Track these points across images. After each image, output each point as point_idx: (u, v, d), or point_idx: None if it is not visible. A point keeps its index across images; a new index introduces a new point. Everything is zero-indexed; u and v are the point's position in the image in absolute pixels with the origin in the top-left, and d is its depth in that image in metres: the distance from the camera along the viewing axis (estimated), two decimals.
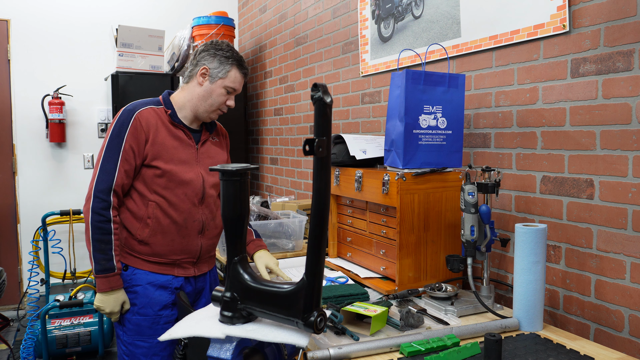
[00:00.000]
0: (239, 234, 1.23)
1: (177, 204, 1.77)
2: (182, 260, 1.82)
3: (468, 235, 1.55)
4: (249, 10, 4.32)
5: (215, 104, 1.82)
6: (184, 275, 1.84)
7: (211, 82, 1.80)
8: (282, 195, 3.66)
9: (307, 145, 1.02)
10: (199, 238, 1.83)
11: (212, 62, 1.81)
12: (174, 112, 1.81)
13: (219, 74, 1.80)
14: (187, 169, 1.79)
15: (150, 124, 1.75)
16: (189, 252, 1.82)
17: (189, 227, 1.80)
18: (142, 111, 1.75)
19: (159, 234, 1.77)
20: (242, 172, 1.20)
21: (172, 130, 1.80)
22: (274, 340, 1.11)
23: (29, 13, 4.03)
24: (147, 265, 1.79)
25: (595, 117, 1.47)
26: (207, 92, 1.81)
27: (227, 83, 1.81)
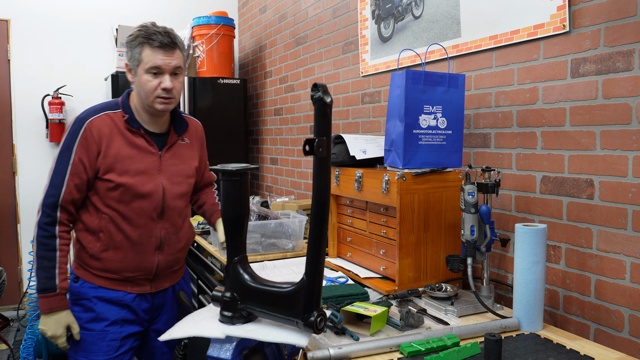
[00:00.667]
0: (239, 234, 1.23)
1: (132, 219, 1.63)
2: (136, 277, 1.69)
3: (468, 235, 1.55)
4: (249, 10, 4.32)
5: (149, 92, 1.61)
6: (139, 292, 1.70)
7: (135, 74, 1.63)
8: (282, 195, 3.66)
9: (307, 145, 1.02)
10: (155, 255, 1.69)
11: (127, 54, 1.65)
12: (132, 117, 1.65)
13: (134, 62, 1.62)
14: (146, 180, 1.64)
15: (103, 134, 1.60)
16: (143, 269, 1.68)
17: (145, 243, 1.66)
18: (94, 120, 1.60)
19: (111, 250, 1.64)
20: (242, 172, 1.20)
21: (129, 137, 1.64)
22: (274, 340, 1.11)
23: (29, 13, 4.03)
24: (97, 280, 1.67)
25: (595, 117, 1.47)
26: (137, 85, 1.63)
27: (145, 66, 1.59)
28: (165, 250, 1.71)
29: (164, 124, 1.72)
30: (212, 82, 3.88)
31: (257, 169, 3.62)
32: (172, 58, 1.61)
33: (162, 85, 1.60)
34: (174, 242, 1.73)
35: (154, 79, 1.60)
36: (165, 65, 1.60)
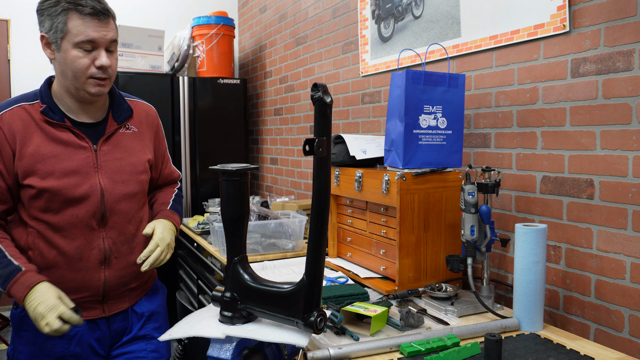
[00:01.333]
0: (239, 234, 1.23)
1: (65, 229, 1.37)
2: (81, 300, 1.41)
3: (468, 235, 1.55)
4: (249, 10, 4.32)
5: (80, 72, 1.33)
6: (87, 317, 1.43)
7: (58, 50, 1.33)
8: (282, 195, 3.66)
9: (307, 145, 1.02)
10: (101, 271, 1.42)
11: (45, 25, 1.33)
12: (50, 107, 1.36)
13: (57, 34, 1.31)
14: (78, 181, 1.37)
15: (16, 131, 1.33)
16: (88, 289, 1.41)
17: (85, 258, 1.39)
18: (4, 115, 1.33)
19: (45, 269, 1.36)
20: (242, 172, 1.20)
21: (50, 132, 1.36)
22: (274, 340, 1.11)
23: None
24: None
25: (595, 117, 1.47)
26: (62, 63, 1.34)
27: (73, 38, 1.30)
28: (113, 264, 1.44)
29: (98, 111, 1.44)
30: (212, 82, 3.88)
31: (257, 169, 3.62)
32: (108, 29, 1.34)
33: (98, 62, 1.33)
34: (125, 253, 1.46)
35: (85, 56, 1.32)
36: (100, 37, 1.32)
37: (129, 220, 1.48)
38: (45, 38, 1.34)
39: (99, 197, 1.40)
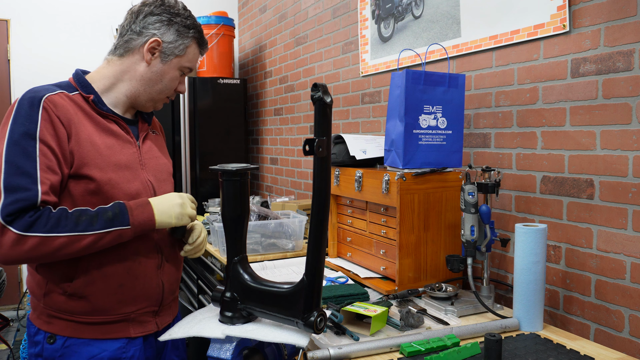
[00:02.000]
0: (239, 234, 1.23)
1: None
2: (139, 313, 1.29)
3: (468, 235, 1.55)
4: (249, 10, 4.32)
5: (166, 91, 1.35)
6: (143, 333, 1.30)
7: (163, 61, 1.31)
8: (282, 195, 3.66)
9: (307, 145, 1.02)
10: (158, 275, 1.32)
11: (167, 34, 1.30)
12: (97, 97, 1.28)
13: (175, 50, 1.31)
14: (131, 176, 1.27)
15: (69, 114, 1.20)
16: (147, 298, 1.29)
17: (143, 261, 1.28)
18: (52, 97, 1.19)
19: (100, 280, 1.22)
20: (242, 172, 1.20)
21: (100, 122, 1.26)
22: (274, 340, 1.11)
23: (29, 13, 4.03)
24: (87, 331, 1.23)
25: (595, 117, 1.47)
26: (157, 74, 1.32)
27: (185, 63, 1.34)
28: (166, 268, 1.35)
29: (133, 111, 1.39)
30: (212, 82, 3.88)
31: (257, 169, 3.62)
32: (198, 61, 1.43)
33: (181, 88, 1.39)
34: (174, 256, 1.39)
35: (179, 78, 1.36)
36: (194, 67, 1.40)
37: None
38: (158, 43, 1.29)
39: (151, 194, 1.31)
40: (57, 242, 1.11)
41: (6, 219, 1.08)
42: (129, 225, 1.18)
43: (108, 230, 1.15)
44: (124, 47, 1.31)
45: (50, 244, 1.10)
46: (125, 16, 1.33)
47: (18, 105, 1.17)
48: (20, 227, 1.08)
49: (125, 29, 1.32)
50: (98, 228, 1.14)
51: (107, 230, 1.15)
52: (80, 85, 1.28)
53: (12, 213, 1.08)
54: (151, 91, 1.33)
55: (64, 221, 1.12)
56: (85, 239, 1.13)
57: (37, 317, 1.26)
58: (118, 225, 1.16)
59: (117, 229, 1.16)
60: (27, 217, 1.09)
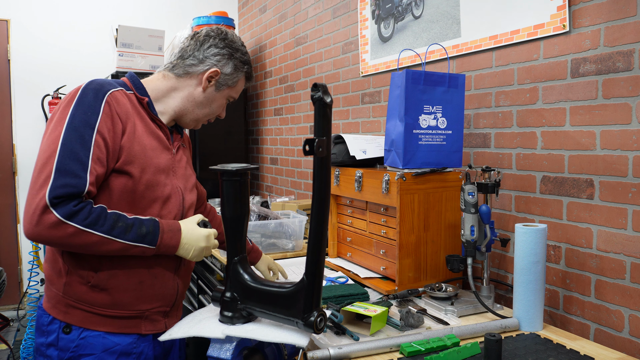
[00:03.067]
0: (239, 234, 1.23)
1: None
2: (153, 311, 1.33)
3: (468, 235, 1.55)
4: (249, 10, 4.32)
5: (211, 114, 1.48)
6: (153, 331, 1.34)
7: (217, 90, 1.42)
8: (282, 195, 3.66)
9: (307, 145, 1.02)
10: (175, 277, 1.37)
11: (226, 66, 1.41)
12: (151, 102, 1.36)
13: (229, 81, 1.43)
14: (165, 180, 1.33)
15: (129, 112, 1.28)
16: (162, 298, 1.34)
17: (164, 262, 1.32)
18: (115, 93, 1.26)
19: (122, 275, 1.26)
20: (242, 172, 1.20)
21: (149, 124, 1.33)
22: (274, 340, 1.11)
23: (29, 13, 4.03)
24: (103, 324, 1.26)
25: (595, 117, 1.47)
26: (208, 99, 1.43)
27: (233, 93, 1.47)
28: (182, 270, 1.40)
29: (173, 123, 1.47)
30: None
31: (257, 169, 3.62)
32: None
33: (222, 114, 1.52)
34: (187, 260, 1.41)
35: (224, 106, 1.50)
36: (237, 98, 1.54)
37: None
38: (217, 74, 1.40)
39: (180, 199, 1.37)
40: (90, 239, 1.15)
41: (53, 201, 1.11)
42: (155, 246, 1.23)
43: (137, 244, 1.21)
44: (183, 69, 1.40)
45: (84, 238, 1.14)
46: (188, 41, 1.43)
47: (82, 94, 1.22)
48: (63, 214, 1.12)
49: (188, 54, 1.40)
50: (129, 239, 1.20)
51: (136, 244, 1.21)
52: (136, 87, 1.35)
53: (60, 197, 1.12)
54: (199, 113, 1.43)
55: (102, 220, 1.16)
56: (114, 244, 1.18)
57: (52, 307, 1.28)
58: (146, 244, 1.22)
59: (144, 246, 1.22)
60: (71, 205, 1.13)
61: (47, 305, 1.30)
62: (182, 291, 1.41)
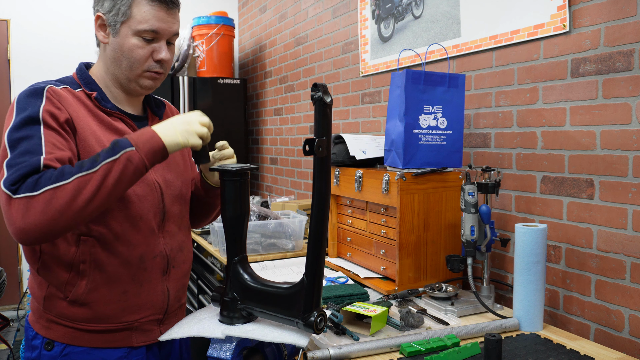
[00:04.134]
0: (239, 234, 1.23)
1: (127, 234, 1.17)
2: (143, 321, 1.22)
3: (468, 235, 1.55)
4: (249, 10, 4.32)
5: (136, 64, 1.19)
6: (146, 342, 1.24)
7: (115, 35, 1.18)
8: (282, 195, 3.66)
9: (307, 145, 1.02)
10: (163, 281, 1.25)
11: (103, 4, 1.18)
12: (101, 94, 1.21)
13: (117, 17, 1.17)
14: None
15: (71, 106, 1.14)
16: (152, 306, 1.23)
17: (149, 267, 1.21)
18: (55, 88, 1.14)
19: (103, 286, 1.16)
20: (242, 172, 1.19)
21: (105, 120, 1.19)
22: (274, 341, 1.11)
23: (29, 13, 4.03)
24: (87, 339, 1.17)
25: (595, 117, 1.47)
26: (116, 50, 1.19)
27: (136, 25, 1.16)
28: (172, 274, 1.28)
29: (139, 104, 1.31)
30: (212, 82, 3.88)
31: (257, 169, 3.62)
32: (174, 20, 1.22)
33: (158, 55, 1.20)
34: (180, 261, 1.31)
35: (145, 46, 1.18)
36: (165, 29, 1.19)
37: (179, 225, 1.32)
38: (101, 18, 1.19)
39: (159, 195, 1.24)
40: (67, 190, 0.99)
41: (11, 188, 0.98)
42: (132, 146, 1.04)
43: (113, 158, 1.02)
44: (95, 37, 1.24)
45: (61, 194, 0.98)
46: None
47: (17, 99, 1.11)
48: (27, 189, 0.98)
49: None
50: (102, 160, 1.02)
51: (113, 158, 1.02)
52: (83, 81, 1.22)
53: (16, 181, 0.99)
54: (122, 70, 1.21)
55: (68, 169, 1.01)
56: (94, 177, 1.00)
57: (35, 321, 1.21)
58: (120, 150, 1.03)
59: (122, 152, 1.03)
60: (30, 180, 0.99)
61: (31, 318, 1.22)
62: (174, 296, 1.29)
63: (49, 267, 1.15)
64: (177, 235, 1.31)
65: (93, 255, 1.15)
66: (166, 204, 1.26)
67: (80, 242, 1.14)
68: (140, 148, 1.05)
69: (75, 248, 1.14)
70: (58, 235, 1.02)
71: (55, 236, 1.02)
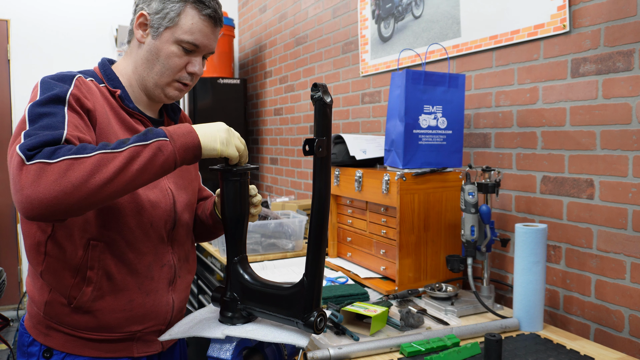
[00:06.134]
0: (239, 234, 1.23)
1: (137, 242, 1.13)
2: (146, 331, 1.18)
3: (468, 235, 1.55)
4: (249, 10, 4.32)
5: (167, 72, 1.16)
6: (147, 353, 1.20)
7: (154, 37, 1.14)
8: (282, 195, 3.66)
9: (307, 145, 1.02)
10: (169, 293, 1.21)
11: (152, 3, 1.14)
12: (125, 93, 1.16)
13: (163, 21, 1.13)
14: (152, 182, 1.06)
15: (97, 100, 1.09)
16: (156, 316, 1.19)
17: (156, 276, 1.17)
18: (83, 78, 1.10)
19: (110, 295, 1.11)
20: (242, 172, 1.19)
21: (126, 120, 1.15)
22: (274, 341, 1.11)
23: (29, 13, 4.03)
24: (88, 348, 1.12)
25: (595, 117, 1.47)
26: (152, 53, 1.15)
27: (180, 34, 1.13)
28: (178, 284, 1.24)
29: (157, 107, 1.27)
30: (212, 82, 3.88)
31: (257, 169, 3.62)
32: (216, 38, 1.19)
33: (191, 68, 1.17)
34: (185, 272, 1.27)
35: (183, 56, 1.15)
36: (207, 44, 1.17)
37: (187, 234, 1.27)
38: (144, 17, 1.14)
39: (171, 203, 1.20)
40: (86, 164, 0.88)
41: (27, 153, 0.88)
42: (167, 137, 0.96)
43: (144, 142, 0.94)
44: (129, 32, 1.20)
45: (79, 167, 0.88)
46: None
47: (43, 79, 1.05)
48: (44, 156, 0.88)
49: None
50: (132, 143, 0.93)
51: (143, 143, 0.94)
52: (107, 77, 1.16)
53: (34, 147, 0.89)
54: (152, 74, 1.16)
55: (91, 146, 0.92)
56: (118, 157, 0.91)
57: (33, 326, 1.14)
58: (153, 137, 0.95)
59: (155, 140, 0.95)
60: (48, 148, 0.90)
61: (28, 323, 1.16)
62: (178, 307, 1.25)
63: (54, 271, 1.09)
64: (184, 244, 1.27)
65: (102, 262, 1.09)
66: (178, 211, 1.22)
67: (89, 247, 1.08)
68: (175, 140, 0.97)
69: (83, 252, 1.08)
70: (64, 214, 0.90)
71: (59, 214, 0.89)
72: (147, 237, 1.14)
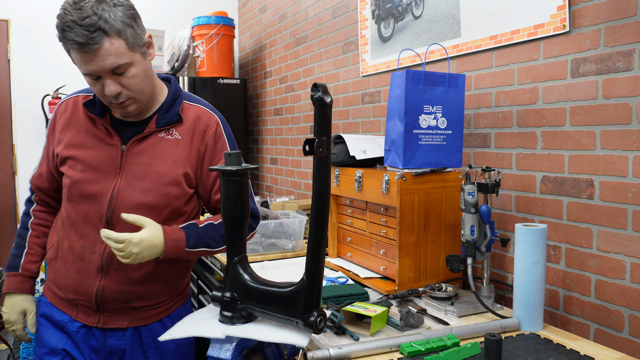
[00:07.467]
0: (239, 234, 1.23)
1: (78, 224, 1.36)
2: (79, 302, 1.38)
3: (468, 235, 1.55)
4: (249, 10, 4.32)
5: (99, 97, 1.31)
6: (84, 322, 1.39)
7: None
8: (282, 195, 3.66)
9: (307, 145, 1.02)
10: (97, 279, 1.34)
11: None
12: (94, 100, 1.36)
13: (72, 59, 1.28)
14: (96, 178, 1.33)
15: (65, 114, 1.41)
16: (84, 293, 1.36)
17: (85, 259, 1.35)
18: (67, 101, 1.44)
19: (59, 259, 1.41)
20: (242, 172, 1.20)
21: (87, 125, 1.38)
22: (274, 341, 1.11)
23: (29, 13, 4.03)
24: (48, 293, 1.45)
25: (595, 117, 1.47)
26: None
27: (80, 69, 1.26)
28: (112, 275, 1.35)
29: (145, 111, 1.39)
30: (212, 82, 3.88)
31: (257, 169, 3.62)
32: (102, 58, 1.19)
33: (105, 91, 1.26)
34: (129, 268, 1.34)
35: (96, 83, 1.26)
36: (95, 70, 1.22)
37: None
38: None
39: (107, 200, 1.33)
40: None
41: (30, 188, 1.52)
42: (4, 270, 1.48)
43: None
44: None
45: None
46: None
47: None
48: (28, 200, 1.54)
49: None
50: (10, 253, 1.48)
51: None
52: None
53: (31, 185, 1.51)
54: None
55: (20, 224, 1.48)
56: None
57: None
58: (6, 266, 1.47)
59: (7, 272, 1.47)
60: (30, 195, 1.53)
61: None
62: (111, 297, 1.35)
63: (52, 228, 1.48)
64: None
65: (64, 231, 1.39)
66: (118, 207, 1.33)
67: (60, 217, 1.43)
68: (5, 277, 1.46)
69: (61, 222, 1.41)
70: None
71: None
72: (85, 223, 1.35)
